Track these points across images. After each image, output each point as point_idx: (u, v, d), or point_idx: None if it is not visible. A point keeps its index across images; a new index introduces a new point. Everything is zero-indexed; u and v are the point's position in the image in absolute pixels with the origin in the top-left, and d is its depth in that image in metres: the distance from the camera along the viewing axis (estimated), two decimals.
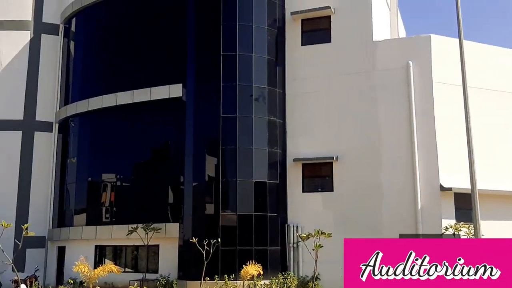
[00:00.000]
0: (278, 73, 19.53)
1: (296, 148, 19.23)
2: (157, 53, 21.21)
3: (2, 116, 23.77)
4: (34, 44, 24.57)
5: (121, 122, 21.63)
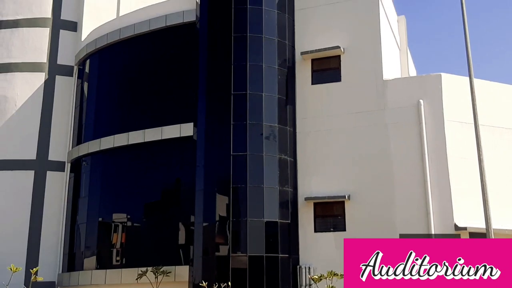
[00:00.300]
0: (289, 111, 19.60)
1: (307, 187, 19.08)
2: (169, 93, 21.47)
3: (15, 156, 23.97)
4: (49, 85, 24.99)
5: (133, 161, 21.72)
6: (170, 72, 21.69)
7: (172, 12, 21.55)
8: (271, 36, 19.57)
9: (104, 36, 23.27)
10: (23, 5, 25.76)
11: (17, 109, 24.51)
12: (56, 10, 25.87)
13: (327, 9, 20.27)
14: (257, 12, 19.52)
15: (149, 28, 21.88)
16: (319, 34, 20.15)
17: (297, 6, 20.61)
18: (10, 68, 24.89)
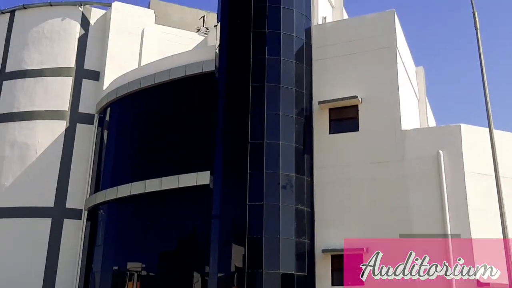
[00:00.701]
0: (306, 161, 19.44)
1: (325, 238, 18.66)
2: (186, 141, 21.54)
3: (34, 203, 24.10)
4: (69, 133, 25.36)
5: (149, 209, 21.63)
6: (188, 120, 21.86)
7: (192, 62, 21.91)
8: (288, 85, 19.69)
9: (125, 85, 23.70)
10: (48, 55, 26.53)
11: (37, 156, 24.82)
12: (80, 60, 26.60)
13: (345, 59, 20.41)
14: (275, 62, 19.72)
15: (169, 77, 22.23)
16: (336, 84, 20.22)
17: (315, 57, 20.80)
18: (32, 116, 25.40)
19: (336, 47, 20.66)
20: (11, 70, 26.55)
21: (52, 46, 26.65)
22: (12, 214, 23.92)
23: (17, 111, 25.62)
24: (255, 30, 19.99)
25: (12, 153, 24.89)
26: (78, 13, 27.26)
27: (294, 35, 20.31)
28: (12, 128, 25.36)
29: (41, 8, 27.41)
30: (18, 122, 25.41)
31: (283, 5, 20.39)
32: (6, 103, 25.95)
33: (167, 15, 29.91)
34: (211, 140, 19.91)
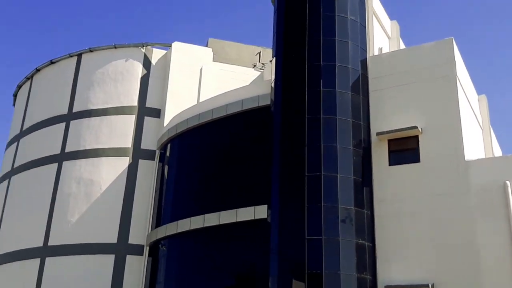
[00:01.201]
0: (365, 193, 19.00)
1: (387, 274, 18.01)
2: (244, 175, 21.60)
3: (98, 239, 24.70)
4: (132, 169, 26.07)
5: (208, 244, 21.69)
6: (245, 154, 21.98)
7: (248, 97, 22.18)
8: (345, 117, 19.49)
9: (184, 121, 24.25)
10: (112, 95, 27.65)
11: (101, 193, 25.60)
12: (142, 98, 27.55)
13: (403, 89, 20.03)
14: (331, 94, 19.63)
15: (226, 112, 22.58)
16: (395, 114, 19.84)
17: (372, 88, 20.56)
18: (97, 153, 26.37)
19: (394, 77, 20.35)
20: (78, 110, 27.81)
21: (116, 86, 27.79)
22: (77, 251, 24.58)
23: (83, 149, 26.68)
24: (310, 63, 20.07)
25: (78, 190, 25.81)
26: (140, 54, 28.41)
27: (349, 66, 20.21)
28: (79, 166, 26.38)
29: (106, 51, 28.78)
30: (84, 160, 26.42)
31: (338, 37, 20.40)
32: (73, 142, 27.10)
33: (225, 53, 30.64)
34: (268, 173, 19.88)
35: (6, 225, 28.05)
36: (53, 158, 27.23)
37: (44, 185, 26.75)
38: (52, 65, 30.37)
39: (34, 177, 27.67)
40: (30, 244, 25.76)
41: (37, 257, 25.20)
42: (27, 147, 29.23)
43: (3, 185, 30.14)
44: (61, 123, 27.98)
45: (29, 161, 28.31)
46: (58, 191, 26.19)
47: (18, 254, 26.07)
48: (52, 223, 25.58)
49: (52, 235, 25.33)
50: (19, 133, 30.70)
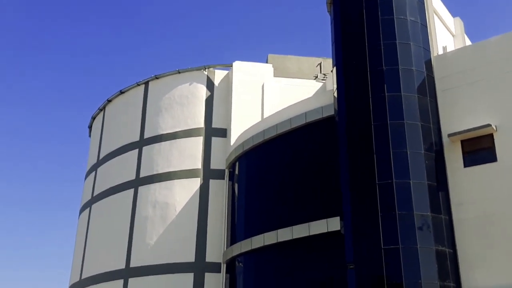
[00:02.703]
0: (441, 198, 18.29)
1: (472, 280, 17.19)
2: (313, 188, 21.42)
3: (176, 259, 25.32)
4: (204, 190, 26.58)
5: (283, 259, 21.60)
6: (312, 167, 21.80)
7: (311, 109, 22.07)
8: (413, 120, 18.93)
9: (250, 138, 24.46)
10: (180, 119, 28.39)
11: (176, 214, 26.25)
12: (208, 119, 28.12)
13: (472, 87, 19.23)
14: (396, 98, 19.14)
15: (290, 126, 22.56)
16: (466, 114, 19.05)
17: (439, 88, 19.89)
18: (169, 176, 27.10)
19: (461, 75, 19.60)
20: (149, 136, 28.78)
21: (182, 110, 28.53)
22: (158, 271, 25.32)
23: (156, 173, 27.52)
24: (371, 69, 19.71)
25: (154, 213, 26.61)
26: (203, 76, 29.04)
27: (413, 68, 19.67)
28: (153, 190, 27.23)
29: (171, 76, 29.67)
30: (158, 184, 27.24)
31: (399, 40, 19.93)
32: (147, 167, 28.03)
33: (285, 67, 30.73)
34: (338, 184, 19.62)
35: (90, 250, 29.36)
36: (129, 184, 28.30)
37: (122, 211, 27.81)
38: (121, 94, 31.67)
39: (112, 204, 28.84)
40: (113, 266, 26.87)
41: (121, 278, 26.19)
42: (105, 175, 30.55)
43: (85, 213, 31.62)
44: (134, 149, 29.07)
45: (107, 189, 29.56)
46: (136, 215, 27.13)
47: (103, 276, 27.22)
48: (133, 246, 26.51)
49: (133, 257, 26.26)
50: (96, 162, 32.16)
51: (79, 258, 30.27)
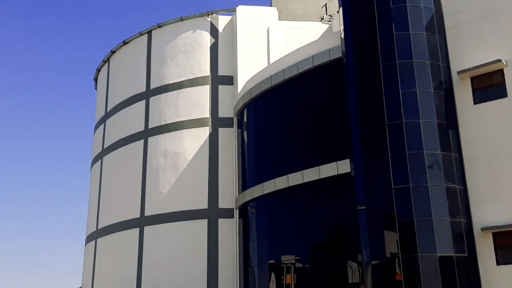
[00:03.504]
0: (451, 136, 18.30)
1: (483, 216, 17.44)
2: (322, 131, 21.46)
3: (190, 206, 25.80)
4: (213, 138, 26.74)
5: (295, 203, 21.95)
6: (321, 110, 21.76)
7: (318, 52, 21.79)
8: (422, 59, 18.68)
9: (257, 85, 24.32)
10: (185, 67, 28.17)
11: (187, 163, 26.52)
12: (214, 67, 27.87)
13: (481, 22, 18.84)
14: (405, 37, 18.83)
15: (297, 71, 22.35)
16: (475, 50, 18.76)
17: (447, 24, 19.50)
18: (178, 126, 27.20)
19: (470, 11, 19.16)
20: (155, 86, 28.68)
21: (187, 58, 28.26)
22: (172, 219, 25.88)
23: (165, 123, 27.62)
24: (379, 7, 19.27)
25: (165, 163, 26.89)
26: (206, 23, 28.57)
27: (421, 5, 19.22)
28: (163, 140, 27.41)
29: (173, 24, 29.20)
30: (167, 134, 27.37)
31: None
32: (155, 118, 28.10)
33: (290, 10, 30.13)
34: (347, 127, 19.62)
35: (105, 201, 29.94)
36: (138, 135, 28.48)
37: (133, 162, 28.13)
38: (125, 45, 31.35)
39: (123, 155, 29.14)
40: (128, 216, 27.47)
41: (136, 227, 26.83)
42: (114, 127, 30.71)
43: (96, 166, 32.02)
44: (141, 100, 29.06)
45: (117, 141, 29.80)
46: (148, 166, 27.45)
47: (119, 225, 27.89)
48: (146, 195, 27.00)
49: (148, 206, 26.79)
50: (104, 115, 32.26)
51: (94, 209, 30.91)
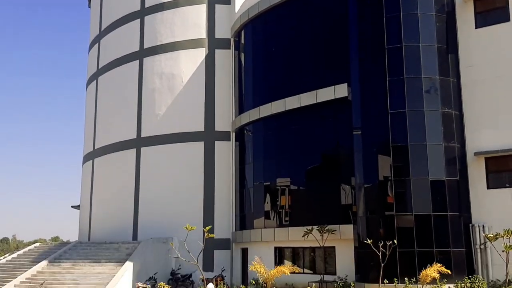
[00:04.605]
0: (451, 61, 18.14)
1: (476, 141, 17.66)
2: (321, 55, 21.24)
3: (186, 129, 25.91)
4: (209, 60, 26.38)
5: (291, 126, 22.07)
6: (320, 33, 21.39)
7: None
8: None
9: (255, 5, 23.72)
10: None
11: (183, 85, 26.33)
12: None
13: None
14: None
15: None
16: None
17: None
18: (174, 47, 26.74)
19: None
20: (150, 5, 27.87)
21: None
22: (169, 140, 26.05)
23: (160, 43, 27.12)
24: None
25: (161, 84, 26.70)
26: None
27: None
28: (159, 61, 27.04)
29: None
30: (163, 54, 26.96)
31: None
32: (150, 37, 27.54)
33: None
34: (346, 51, 19.35)
35: (101, 121, 30.00)
36: (134, 56, 28.05)
37: (129, 82, 27.91)
38: None
39: (119, 76, 28.86)
40: (124, 137, 27.62)
41: (133, 148, 27.06)
42: (108, 47, 30.18)
43: (92, 86, 31.77)
44: (136, 19, 28.36)
45: (112, 61, 29.40)
46: (143, 87, 27.27)
47: (115, 146, 28.15)
48: (142, 117, 27.02)
49: (144, 127, 26.90)
50: (98, 34, 31.60)
51: (91, 129, 31.03)
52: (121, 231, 26.38)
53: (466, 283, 15.96)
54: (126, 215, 26.55)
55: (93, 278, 21.22)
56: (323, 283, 18.28)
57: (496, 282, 16.27)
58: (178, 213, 24.53)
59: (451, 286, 15.84)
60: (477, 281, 16.04)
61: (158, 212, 25.34)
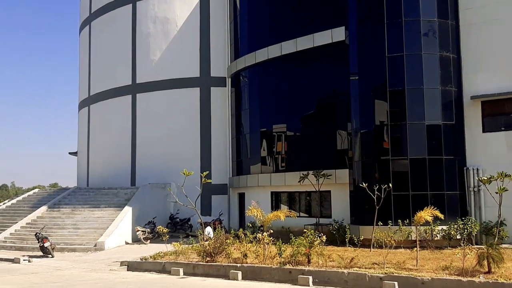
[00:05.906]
0: (450, 3, 17.78)
1: (473, 84, 17.57)
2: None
3: (181, 75, 25.68)
4: (204, 3, 25.82)
5: (287, 72, 21.90)
6: None
7: None
8: None
9: None
10: None
11: (178, 30, 25.88)
12: None
13: None
14: None
15: None
16: None
17: None
18: None
19: None
20: None
21: None
22: (164, 86, 25.88)
23: None
24: None
25: (156, 29, 26.24)
26: None
27: None
28: (152, 4, 26.48)
29: None
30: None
31: None
32: None
33: None
34: None
35: (95, 67, 29.68)
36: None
37: (122, 27, 27.42)
38: None
39: (112, 20, 28.33)
40: (119, 83, 27.43)
41: (128, 94, 26.92)
42: None
43: (85, 31, 31.21)
44: None
45: (105, 4, 28.77)
46: (137, 32, 26.82)
47: (111, 92, 27.99)
48: (137, 63, 26.74)
49: (139, 73, 26.68)
50: None
51: (85, 76, 30.73)
52: (119, 177, 26.62)
53: (459, 224, 16.29)
54: (123, 161, 26.73)
55: (93, 222, 21.59)
56: (318, 226, 18.62)
57: (489, 223, 16.61)
58: (175, 159, 24.70)
59: (444, 227, 16.16)
60: (470, 222, 16.37)
61: (156, 158, 25.50)
